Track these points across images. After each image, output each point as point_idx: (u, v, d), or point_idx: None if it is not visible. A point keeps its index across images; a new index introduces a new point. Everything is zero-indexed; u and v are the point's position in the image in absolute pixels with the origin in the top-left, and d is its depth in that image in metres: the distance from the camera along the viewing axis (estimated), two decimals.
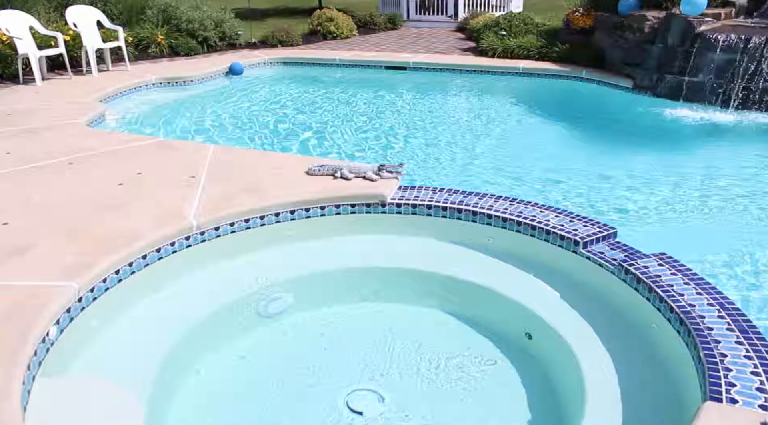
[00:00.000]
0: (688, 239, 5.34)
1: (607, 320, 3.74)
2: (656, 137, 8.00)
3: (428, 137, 7.98)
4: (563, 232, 4.15)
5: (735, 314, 3.32)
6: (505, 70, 11.08)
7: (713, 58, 8.71)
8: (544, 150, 7.52)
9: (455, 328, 4.04)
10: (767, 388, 2.77)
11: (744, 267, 4.78)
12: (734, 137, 7.94)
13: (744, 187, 6.34)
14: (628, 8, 10.26)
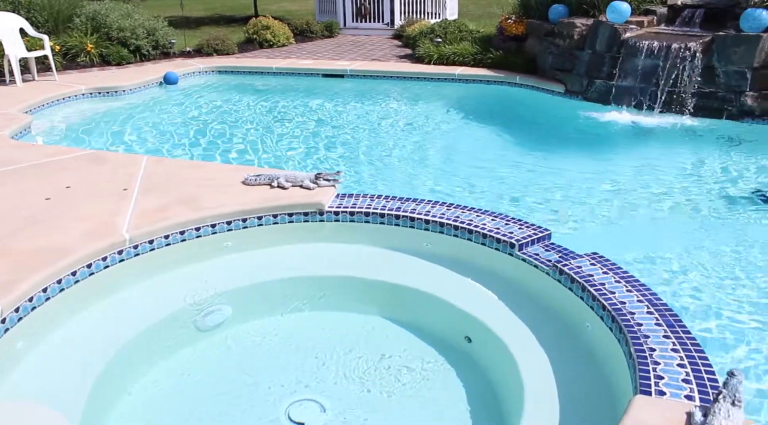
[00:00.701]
0: (619, 238, 5.52)
1: (544, 320, 3.82)
2: (587, 140, 8.25)
3: (366, 144, 8.00)
4: (499, 235, 4.23)
5: (663, 309, 3.44)
6: (442, 76, 11.22)
7: (638, 63, 9.05)
8: (481, 155, 7.65)
9: (396, 334, 4.06)
10: (692, 379, 2.88)
11: (671, 264, 4.97)
12: (659, 139, 8.26)
13: (670, 187, 6.60)
14: (557, 16, 10.56)
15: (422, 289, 4.11)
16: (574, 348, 3.60)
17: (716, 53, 8.66)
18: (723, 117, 8.74)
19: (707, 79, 8.75)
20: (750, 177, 6.88)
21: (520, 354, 3.50)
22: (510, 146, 8.12)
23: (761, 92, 8.60)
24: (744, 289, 4.64)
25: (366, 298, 4.24)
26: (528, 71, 10.94)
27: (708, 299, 4.51)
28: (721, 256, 5.14)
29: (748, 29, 8.50)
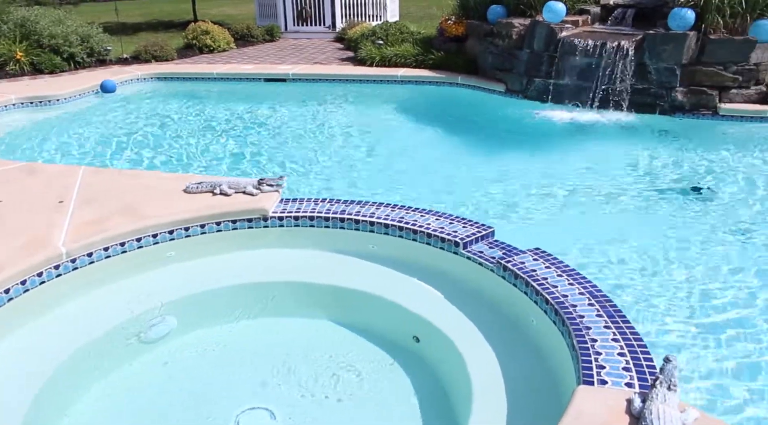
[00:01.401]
0: (561, 232, 5.65)
1: (490, 316, 3.88)
2: (528, 138, 8.41)
3: (310, 147, 7.97)
4: (444, 234, 4.27)
5: (603, 300, 3.54)
6: (384, 78, 11.27)
7: (575, 61, 9.28)
8: (424, 155, 7.71)
9: (344, 337, 4.05)
10: (632, 367, 2.97)
11: (612, 255, 5.11)
12: (597, 135, 8.49)
13: (608, 181, 6.79)
14: (496, 16, 10.73)
15: (369, 291, 4.12)
16: (520, 343, 3.66)
17: (647, 51, 8.95)
18: (656, 112, 9.05)
19: (640, 76, 9.04)
20: (682, 169, 7.15)
21: (467, 350, 3.54)
22: (453, 145, 8.22)
23: (690, 88, 8.94)
24: (679, 276, 4.81)
25: (313, 303, 4.22)
26: (469, 71, 11.09)
27: (644, 287, 4.66)
28: (658, 244, 5.32)
29: (676, 28, 8.82)
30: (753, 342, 4.04)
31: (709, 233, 5.60)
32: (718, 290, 4.63)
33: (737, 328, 4.17)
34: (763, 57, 8.85)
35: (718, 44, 8.79)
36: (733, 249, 5.29)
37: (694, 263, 5.04)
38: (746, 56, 8.78)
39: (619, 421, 2.57)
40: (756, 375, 3.74)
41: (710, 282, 4.74)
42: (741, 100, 8.96)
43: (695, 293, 4.59)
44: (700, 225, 5.76)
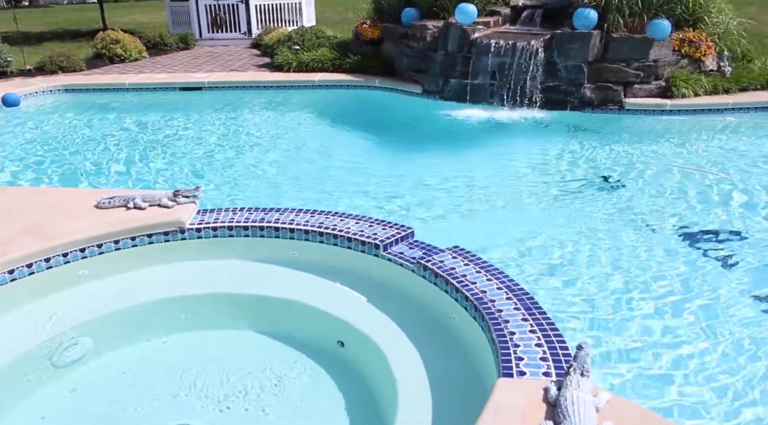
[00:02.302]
0: (480, 228, 5.78)
1: (413, 316, 3.92)
2: (446, 138, 8.56)
3: (229, 156, 7.84)
4: (364, 237, 4.29)
5: (520, 294, 3.64)
6: (302, 83, 11.22)
7: (488, 62, 9.52)
8: (345, 159, 7.73)
9: (269, 347, 4.00)
10: (549, 357, 3.07)
11: (528, 247, 5.27)
12: (512, 132, 8.74)
13: (523, 176, 7.00)
14: (410, 19, 10.88)
15: (292, 298, 4.09)
16: (443, 340, 3.71)
17: (556, 50, 9.28)
18: (567, 108, 9.39)
19: (550, 74, 9.37)
20: (593, 161, 7.45)
21: (392, 352, 3.57)
22: (372, 148, 8.27)
23: (597, 84, 9.33)
24: (593, 264, 5.01)
25: (235, 314, 4.15)
26: (386, 74, 11.19)
27: (560, 276, 4.83)
28: (573, 234, 5.52)
29: (581, 27, 9.19)
30: (658, 326, 4.25)
31: (618, 220, 5.86)
32: (631, 278, 4.84)
33: (647, 312, 4.38)
34: (661, 54, 9.34)
35: (620, 42, 9.21)
36: (642, 235, 5.54)
37: (607, 250, 5.26)
38: (646, 53, 9.24)
39: (537, 410, 2.65)
40: (660, 355, 3.93)
41: (622, 270, 4.96)
42: (643, 95, 9.42)
43: (609, 281, 4.78)
44: (611, 213, 6.01)
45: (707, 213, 6.03)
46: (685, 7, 9.66)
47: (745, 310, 4.40)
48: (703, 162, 7.46)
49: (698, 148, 8.05)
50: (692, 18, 9.86)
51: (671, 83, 9.45)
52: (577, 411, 2.49)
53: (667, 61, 9.51)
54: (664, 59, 9.46)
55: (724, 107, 9.27)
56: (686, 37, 9.63)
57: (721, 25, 10.20)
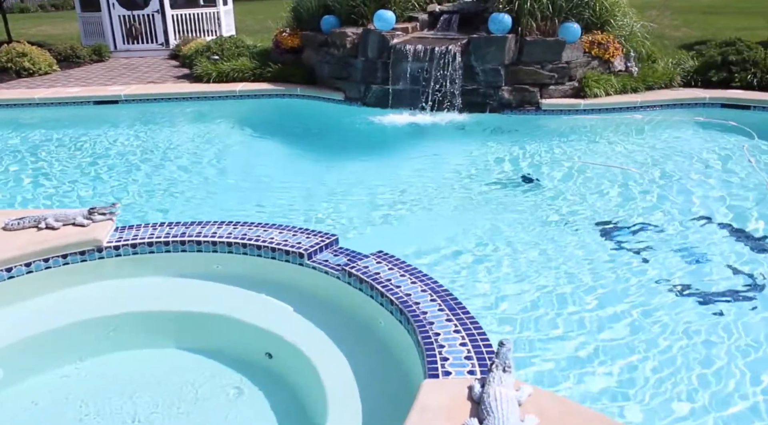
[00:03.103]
0: (405, 232, 5.84)
1: (340, 323, 3.92)
2: (369, 144, 8.62)
3: (148, 171, 7.63)
4: (288, 247, 4.26)
5: (444, 295, 3.70)
6: (223, 94, 11.06)
7: (408, 67, 9.64)
8: (267, 169, 7.65)
9: (196, 363, 3.91)
10: (473, 355, 3.13)
11: (451, 249, 5.36)
12: (435, 136, 8.87)
13: (446, 179, 7.12)
14: (329, 26, 10.89)
15: (216, 312, 4.02)
16: (371, 346, 3.73)
17: (473, 54, 9.50)
18: (486, 111, 9.62)
19: (469, 78, 9.57)
20: (513, 161, 7.66)
21: (320, 361, 3.56)
22: (295, 157, 8.22)
23: (514, 86, 9.60)
24: (516, 262, 5.14)
25: (159, 331, 4.04)
26: (308, 82, 11.17)
27: (485, 275, 4.93)
28: (495, 233, 5.65)
29: (496, 31, 9.44)
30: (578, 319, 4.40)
31: (539, 217, 6.04)
32: (554, 272, 5.00)
33: (571, 305, 4.53)
34: (573, 56, 9.71)
35: (534, 45, 9.51)
36: (562, 231, 5.73)
37: (529, 247, 5.41)
38: (558, 55, 9.58)
39: (462, 408, 2.70)
40: (584, 345, 4.08)
41: (545, 266, 5.11)
42: (558, 96, 9.76)
43: (531, 277, 4.92)
44: (532, 211, 6.19)
45: (621, 207, 6.30)
46: (593, 11, 10.07)
47: (661, 298, 4.61)
48: (615, 158, 7.78)
49: (610, 145, 8.40)
50: (600, 21, 10.29)
51: (584, 84, 9.83)
52: (499, 406, 2.55)
53: (579, 63, 9.89)
54: (576, 61, 9.83)
55: (633, 106, 9.71)
56: (595, 40, 10.04)
57: (627, 27, 10.68)
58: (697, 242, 5.51)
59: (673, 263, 5.17)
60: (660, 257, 5.25)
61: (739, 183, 6.85)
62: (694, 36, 15.09)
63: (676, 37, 15.10)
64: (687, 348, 4.04)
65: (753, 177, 7.00)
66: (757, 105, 9.43)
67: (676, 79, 10.49)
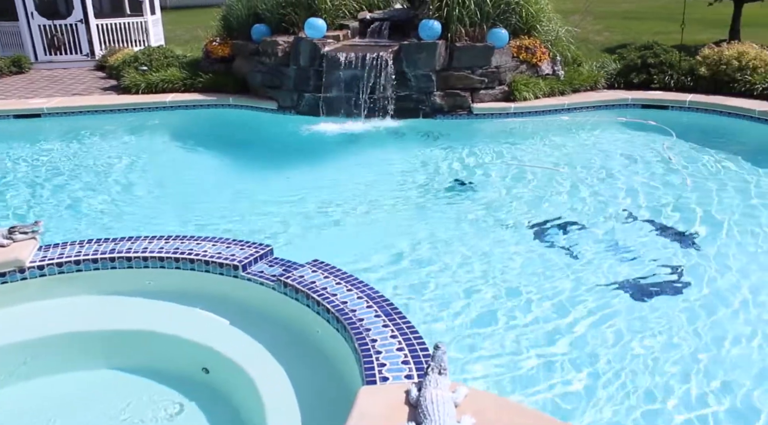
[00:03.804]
0: (341, 240, 5.84)
1: (277, 334, 3.89)
2: (303, 152, 8.56)
3: (74, 186, 7.36)
4: (221, 259, 4.20)
5: (380, 301, 3.72)
6: (152, 105, 10.79)
7: (340, 74, 9.66)
8: (200, 181, 7.51)
9: (130, 382, 3.81)
10: (410, 360, 3.17)
11: (388, 255, 5.39)
12: (369, 143, 8.91)
13: (381, 186, 7.16)
14: (260, 35, 10.80)
15: (150, 329, 3.93)
16: (309, 355, 3.72)
17: (405, 60, 9.60)
18: (420, 116, 9.73)
19: (401, 84, 9.67)
20: (447, 166, 7.77)
21: (258, 373, 3.52)
22: (229, 168, 8.11)
23: (446, 91, 9.75)
24: (453, 265, 5.22)
25: (90, 352, 3.91)
26: (240, 91, 11.03)
27: (423, 280, 4.99)
28: (431, 237, 5.72)
29: (426, 37, 9.57)
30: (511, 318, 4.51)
31: (474, 219, 6.15)
32: (491, 273, 5.10)
33: (507, 303, 4.63)
34: (502, 60, 9.94)
35: (463, 51, 9.69)
36: (496, 232, 5.85)
37: (465, 249, 5.50)
38: (488, 60, 9.78)
39: (400, 413, 2.72)
40: (519, 340, 4.18)
41: (480, 268, 5.21)
42: (489, 100, 9.97)
43: (468, 279, 5.00)
44: (466, 214, 6.30)
45: (551, 206, 6.48)
46: (520, 17, 10.34)
47: (590, 292, 4.77)
48: (545, 160, 8.00)
49: (540, 147, 8.63)
50: (527, 26, 10.57)
51: (513, 88, 10.06)
52: (436, 409, 2.59)
53: (508, 67, 10.12)
54: (505, 65, 10.06)
55: (560, 108, 10.01)
56: (523, 44, 10.30)
57: (552, 32, 11.02)
58: (623, 238, 5.72)
59: (601, 258, 5.36)
60: (589, 253, 5.43)
61: (661, 180, 7.15)
62: (615, 40, 15.65)
63: (598, 41, 15.64)
64: (614, 338, 4.19)
65: (673, 173, 7.32)
66: (674, 105, 9.87)
67: (600, 82, 10.87)
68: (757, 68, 9.89)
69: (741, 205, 6.41)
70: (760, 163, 7.61)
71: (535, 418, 2.77)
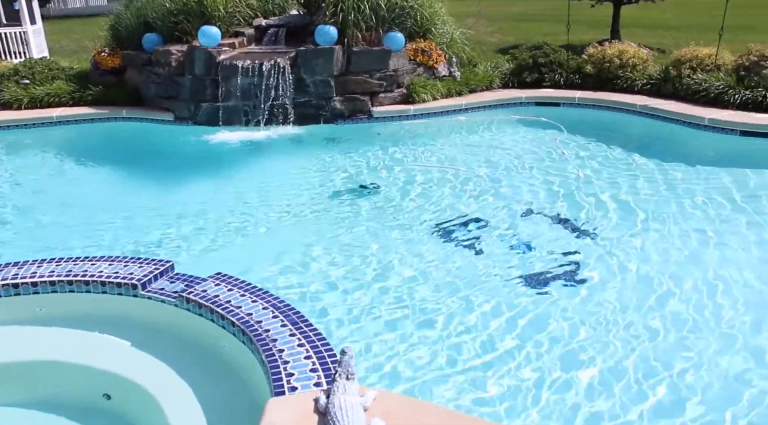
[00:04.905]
0: (246, 251, 5.74)
1: (183, 352, 3.78)
2: (202, 163, 8.35)
3: None
4: (119, 279, 4.04)
5: (286, 310, 3.69)
6: (37, 121, 10.20)
7: (237, 83, 9.49)
8: (93, 199, 7.14)
9: (25, 417, 3.58)
10: (318, 367, 3.15)
11: (295, 263, 5.35)
12: (270, 151, 8.80)
13: (285, 193, 7.09)
14: (152, 44, 10.44)
15: (44, 358, 3.72)
16: (217, 371, 3.63)
17: (302, 66, 9.56)
18: (320, 122, 9.71)
19: (300, 90, 9.62)
20: (350, 170, 7.79)
21: (163, 394, 3.41)
22: (125, 184, 7.78)
23: (345, 96, 9.78)
24: (361, 269, 5.24)
25: None
26: (134, 103, 10.62)
27: (330, 285, 4.98)
28: (337, 243, 5.72)
29: (323, 43, 9.57)
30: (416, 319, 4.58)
31: (379, 223, 6.20)
32: (397, 275, 5.15)
33: (414, 303, 4.69)
34: (399, 64, 10.08)
35: (361, 55, 9.76)
36: (401, 233, 5.92)
37: (372, 253, 5.53)
38: (385, 64, 9.90)
39: (310, 422, 2.71)
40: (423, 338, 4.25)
41: (387, 270, 5.25)
42: (388, 103, 10.09)
43: (376, 282, 5.04)
44: (372, 218, 6.34)
45: (454, 205, 6.63)
46: (415, 20, 10.52)
47: (494, 285, 4.91)
48: (446, 159, 8.18)
49: (441, 147, 8.81)
50: (422, 30, 10.76)
51: (412, 90, 10.22)
52: (345, 415, 2.59)
53: (405, 70, 10.28)
54: (403, 68, 10.21)
55: (458, 108, 10.26)
56: (419, 47, 10.49)
57: (447, 35, 11.27)
58: (523, 231, 5.94)
59: (502, 252, 5.54)
60: (490, 248, 5.60)
61: (556, 173, 7.47)
62: (508, 41, 16.25)
63: (492, 43, 16.18)
64: (517, 328, 4.34)
65: (566, 167, 7.66)
66: (564, 102, 10.34)
67: (495, 82, 11.21)
68: (636, 66, 10.52)
69: (630, 192, 6.80)
70: (643, 152, 8.11)
71: (445, 416, 2.83)
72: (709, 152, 8.19)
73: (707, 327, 4.35)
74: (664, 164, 7.63)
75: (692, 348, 4.12)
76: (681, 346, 4.15)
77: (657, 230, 5.88)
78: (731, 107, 8.93)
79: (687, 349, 4.11)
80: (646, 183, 7.06)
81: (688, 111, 9.02)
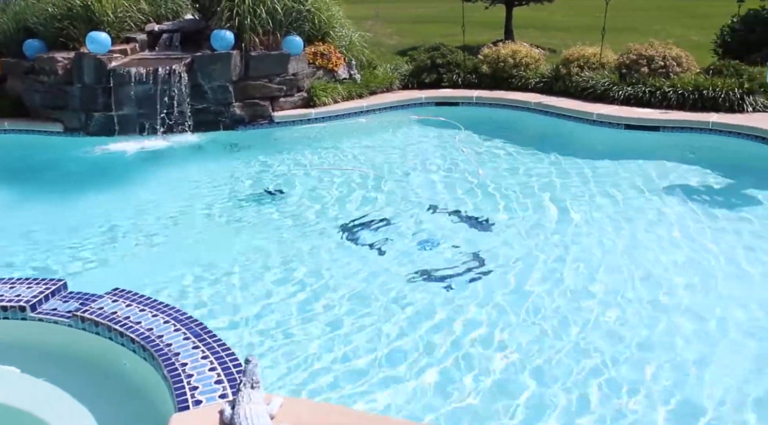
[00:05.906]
0: (145, 265, 5.54)
1: (81, 375, 3.61)
2: (96, 176, 7.96)
3: None
4: (4, 302, 3.81)
5: (189, 323, 3.59)
6: None
7: (131, 91, 9.14)
8: None
9: None
10: (224, 378, 3.09)
11: (198, 274, 5.22)
12: (169, 160, 8.51)
13: (186, 203, 6.90)
14: (34, 51, 9.87)
15: None
16: (118, 391, 3.50)
17: (199, 72, 9.33)
18: (220, 128, 9.50)
19: (198, 97, 9.37)
20: (253, 177, 7.69)
21: (58, 420, 3.24)
22: (13, 201, 7.25)
23: (245, 102, 9.63)
24: (266, 276, 5.18)
25: None
26: (17, 114, 9.95)
27: (239, 295, 4.90)
28: (244, 251, 5.63)
29: (219, 48, 9.38)
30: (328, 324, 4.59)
31: (287, 228, 6.16)
32: (306, 279, 5.12)
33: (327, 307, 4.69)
34: (299, 67, 10.03)
35: (259, 60, 9.63)
36: (308, 237, 5.90)
37: (281, 259, 5.48)
38: (285, 68, 9.82)
39: None
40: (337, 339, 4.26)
41: (294, 274, 5.22)
42: (289, 107, 10.01)
43: (281, 290, 4.99)
44: (279, 224, 6.29)
45: (359, 206, 6.68)
46: (312, 24, 10.49)
47: (401, 286, 4.98)
48: (348, 162, 8.22)
49: (343, 149, 8.83)
50: (320, 33, 10.75)
51: (312, 93, 10.19)
52: (250, 424, 2.55)
53: (305, 74, 10.23)
54: (303, 72, 10.16)
55: (359, 110, 10.31)
56: (318, 51, 10.47)
57: (346, 38, 11.31)
58: (427, 229, 6.06)
59: (407, 250, 5.63)
60: (395, 247, 5.68)
61: (456, 171, 7.67)
62: (406, 43, 16.50)
63: (391, 45, 16.39)
64: (423, 324, 4.43)
65: (467, 165, 7.88)
66: (462, 101, 10.61)
67: (395, 83, 11.35)
68: (529, 65, 10.94)
69: (525, 186, 7.08)
70: (539, 147, 8.48)
71: (355, 417, 2.84)
72: (598, 145, 8.64)
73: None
74: (560, 158, 8.01)
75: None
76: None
77: (557, 219, 6.18)
78: (616, 102, 9.45)
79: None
80: (543, 176, 7.37)
81: (579, 107, 9.47)
